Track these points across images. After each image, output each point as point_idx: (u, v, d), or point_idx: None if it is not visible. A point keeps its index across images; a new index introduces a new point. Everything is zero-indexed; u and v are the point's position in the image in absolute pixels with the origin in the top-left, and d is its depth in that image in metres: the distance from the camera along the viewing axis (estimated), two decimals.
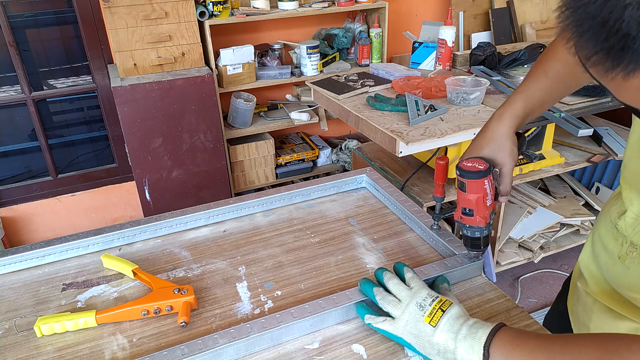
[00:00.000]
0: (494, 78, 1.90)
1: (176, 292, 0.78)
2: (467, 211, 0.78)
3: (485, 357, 0.60)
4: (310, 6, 2.61)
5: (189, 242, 0.97)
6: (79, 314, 0.75)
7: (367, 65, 2.76)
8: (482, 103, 1.74)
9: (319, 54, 2.70)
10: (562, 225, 2.37)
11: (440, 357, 0.64)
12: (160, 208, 2.49)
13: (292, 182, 2.95)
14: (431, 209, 1.97)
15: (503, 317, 0.76)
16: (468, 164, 0.77)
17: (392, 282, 0.72)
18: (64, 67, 2.75)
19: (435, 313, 0.66)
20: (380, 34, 2.76)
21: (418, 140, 1.47)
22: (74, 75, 2.76)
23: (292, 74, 2.72)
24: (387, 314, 0.70)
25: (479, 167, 0.76)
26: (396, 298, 0.70)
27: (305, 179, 2.92)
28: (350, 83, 1.97)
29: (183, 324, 0.74)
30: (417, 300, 0.68)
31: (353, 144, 3.00)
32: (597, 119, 2.48)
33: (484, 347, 0.60)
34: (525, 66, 2.05)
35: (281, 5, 2.56)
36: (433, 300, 0.67)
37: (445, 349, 0.63)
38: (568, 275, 1.04)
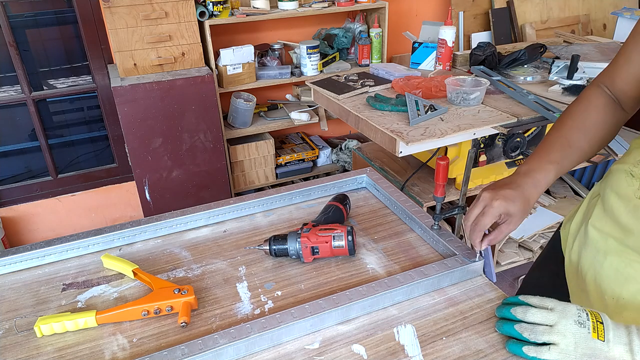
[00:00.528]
0: (494, 78, 1.90)
1: (176, 292, 0.78)
2: None
3: None
4: (310, 6, 2.61)
5: (189, 242, 0.97)
6: (79, 314, 0.75)
7: (367, 65, 2.76)
8: (482, 103, 1.74)
9: (319, 54, 2.70)
10: None
11: None
12: (160, 208, 2.49)
13: (292, 182, 2.95)
14: (431, 209, 1.97)
15: None
16: None
17: (530, 313, 0.67)
18: (64, 67, 2.75)
19: (597, 326, 0.64)
20: (380, 34, 2.76)
21: (418, 140, 1.47)
22: (74, 75, 2.76)
23: (292, 74, 2.72)
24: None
25: None
26: (544, 325, 0.66)
27: (305, 179, 2.92)
28: (350, 83, 1.97)
29: (183, 324, 0.74)
30: (574, 319, 0.65)
31: (353, 144, 3.00)
32: None
33: None
34: (525, 66, 2.05)
35: (281, 5, 2.56)
36: (587, 314, 0.65)
37: None
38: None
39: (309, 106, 2.86)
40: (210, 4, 2.37)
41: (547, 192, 2.54)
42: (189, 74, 2.34)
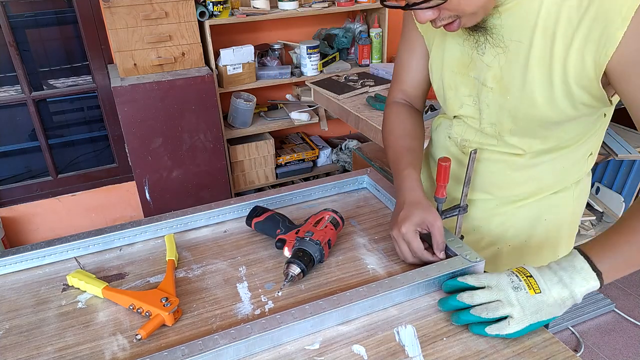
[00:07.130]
0: None
1: (162, 301, 0.77)
2: None
3: (599, 275, 0.68)
4: (310, 6, 2.61)
5: (190, 243, 0.97)
6: (96, 281, 0.83)
7: (367, 65, 2.76)
8: None
9: (319, 54, 2.70)
10: None
11: (563, 308, 0.70)
12: (160, 208, 2.49)
13: (292, 182, 2.95)
14: None
15: None
16: None
17: (477, 297, 0.72)
18: (64, 67, 2.75)
19: (530, 281, 0.70)
20: (380, 34, 2.76)
21: None
22: (74, 75, 2.76)
23: (292, 74, 2.72)
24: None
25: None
26: (495, 302, 0.71)
27: (305, 179, 2.92)
28: (350, 83, 1.97)
29: (139, 336, 0.72)
30: (511, 287, 0.70)
31: (353, 144, 3.00)
32: None
33: (594, 270, 0.68)
34: None
35: (281, 5, 2.56)
36: (516, 275, 0.71)
37: (563, 299, 0.69)
38: None
39: (309, 106, 2.86)
40: (210, 4, 2.37)
41: None
42: (189, 74, 2.34)
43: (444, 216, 0.91)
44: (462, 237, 0.90)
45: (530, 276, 0.71)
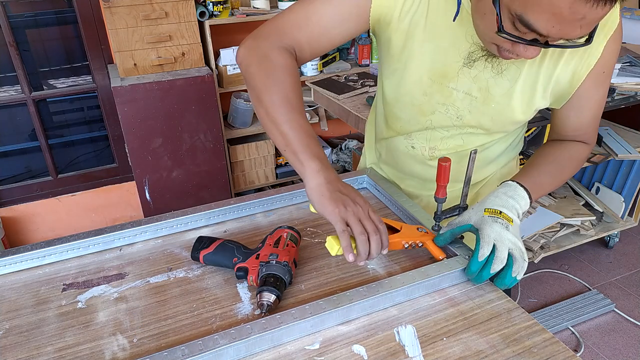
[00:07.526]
0: None
1: (420, 232, 0.88)
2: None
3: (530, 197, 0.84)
4: None
5: (190, 243, 0.97)
6: None
7: (367, 65, 2.76)
8: None
9: None
10: (562, 225, 2.37)
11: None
12: (160, 208, 2.49)
13: (292, 182, 2.95)
14: None
15: (504, 317, 0.76)
16: None
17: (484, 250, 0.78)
18: (64, 67, 2.75)
19: (505, 217, 0.80)
20: None
21: None
22: (74, 75, 2.76)
23: None
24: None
25: None
26: (497, 251, 0.77)
27: None
28: (350, 83, 1.97)
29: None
30: (504, 229, 0.78)
31: (353, 144, 3.00)
32: None
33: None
34: None
35: (281, 5, 2.56)
36: (497, 218, 0.79)
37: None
38: None
39: (309, 106, 2.86)
40: (210, 4, 2.37)
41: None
42: (189, 74, 2.34)
43: (444, 216, 0.91)
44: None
45: (501, 212, 0.80)
